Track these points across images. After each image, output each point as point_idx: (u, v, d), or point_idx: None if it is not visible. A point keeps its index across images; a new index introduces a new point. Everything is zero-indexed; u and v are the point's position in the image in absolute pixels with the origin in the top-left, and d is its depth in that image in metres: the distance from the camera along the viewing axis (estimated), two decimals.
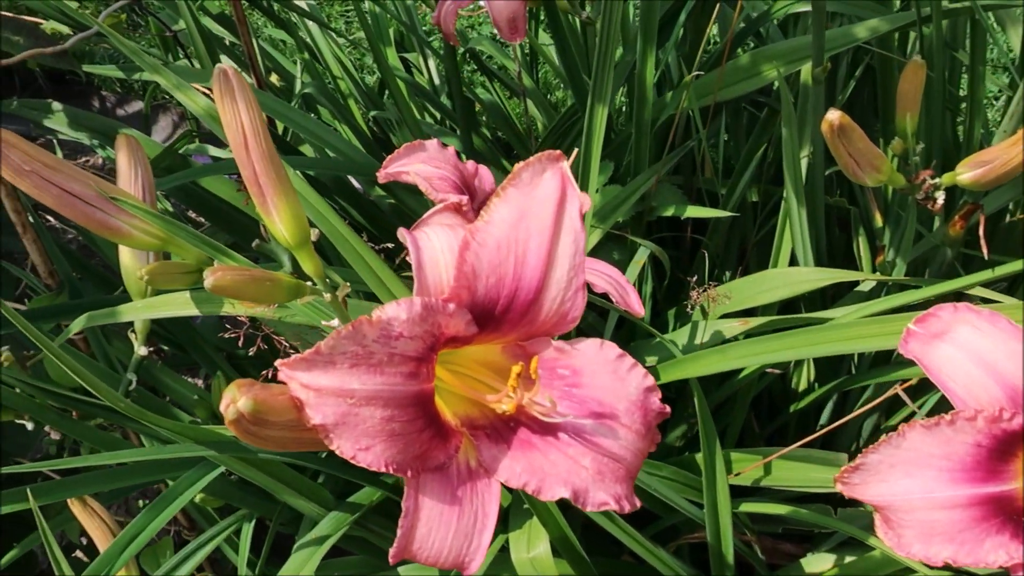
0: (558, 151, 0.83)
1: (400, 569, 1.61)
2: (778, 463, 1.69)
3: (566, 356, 0.87)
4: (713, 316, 1.87)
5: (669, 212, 1.94)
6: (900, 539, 0.94)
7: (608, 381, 0.85)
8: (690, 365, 1.39)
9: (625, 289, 1.37)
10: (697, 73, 1.73)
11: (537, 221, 0.82)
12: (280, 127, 2.45)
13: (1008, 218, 1.94)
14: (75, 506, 1.53)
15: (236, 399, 0.71)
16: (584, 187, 1.71)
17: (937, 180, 1.50)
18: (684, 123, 2.13)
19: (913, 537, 0.93)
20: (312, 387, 0.73)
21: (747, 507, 1.63)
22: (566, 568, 1.59)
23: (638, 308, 1.35)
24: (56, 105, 2.42)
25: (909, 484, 0.93)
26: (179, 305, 1.25)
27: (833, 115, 1.32)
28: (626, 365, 0.86)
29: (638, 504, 0.85)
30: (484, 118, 3.05)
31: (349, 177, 2.42)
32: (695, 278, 1.55)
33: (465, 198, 1.29)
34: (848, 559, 1.81)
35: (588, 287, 1.36)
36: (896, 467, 0.94)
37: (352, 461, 0.74)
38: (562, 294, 0.84)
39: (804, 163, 1.93)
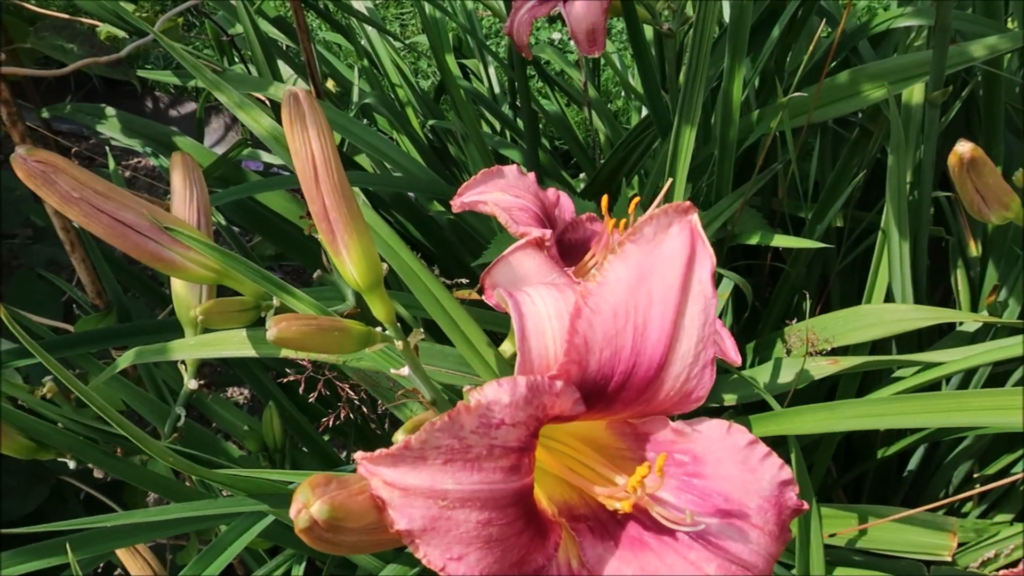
0: (687, 203, 0.70)
1: None
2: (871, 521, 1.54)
3: (685, 440, 0.75)
4: (798, 353, 1.73)
5: (754, 240, 1.80)
6: None
7: (736, 472, 0.73)
8: (790, 420, 1.25)
9: (720, 335, 1.24)
10: (798, 95, 1.58)
11: (661, 285, 0.70)
12: (337, 138, 2.35)
13: None
14: (124, 557, 1.44)
15: (310, 503, 0.59)
16: None
17: None
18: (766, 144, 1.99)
19: None
20: (398, 486, 0.61)
21: (843, 572, 1.49)
22: None
23: (735, 356, 1.22)
24: (109, 110, 2.35)
25: None
26: (235, 345, 1.14)
27: (964, 147, 1.17)
28: (758, 454, 0.73)
29: None
30: (542, 127, 2.93)
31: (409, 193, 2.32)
32: (794, 320, 1.41)
33: (548, 232, 1.17)
34: None
35: None
36: None
37: (441, 573, 0.62)
38: (687, 371, 0.72)
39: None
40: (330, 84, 2.85)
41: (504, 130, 2.79)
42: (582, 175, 2.83)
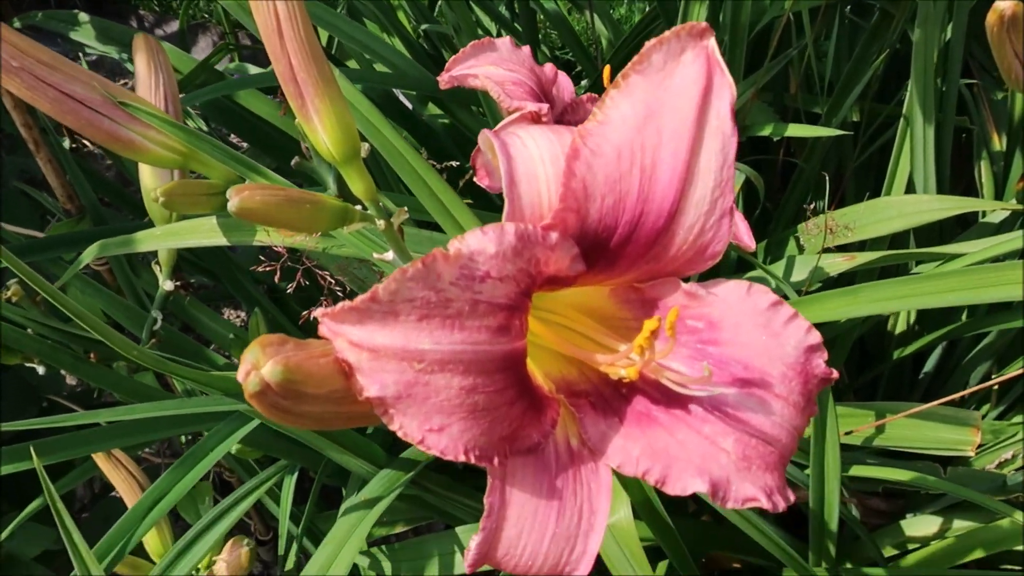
0: (703, 24, 0.60)
1: None
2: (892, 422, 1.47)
3: (699, 303, 0.66)
4: (812, 248, 1.63)
5: (766, 131, 1.69)
6: None
7: (757, 337, 0.64)
8: (811, 308, 1.17)
9: (733, 218, 1.14)
10: None
11: (672, 120, 0.60)
12: (324, 37, 2.22)
13: None
14: (97, 457, 1.37)
15: (259, 363, 0.51)
16: None
17: None
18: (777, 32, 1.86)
19: None
20: (366, 347, 0.52)
21: (859, 471, 1.42)
22: (644, 531, 1.40)
23: (749, 241, 1.13)
24: (83, 16, 2.22)
25: None
26: (204, 233, 1.05)
27: (1005, 3, 1.06)
28: (782, 316, 0.64)
29: (792, 498, 0.64)
30: (543, 35, 2.78)
31: (400, 96, 2.19)
32: (812, 205, 1.31)
33: (545, 107, 1.06)
34: (960, 524, 1.60)
35: None
36: None
37: (420, 447, 0.54)
38: (702, 220, 0.62)
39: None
40: None
41: (501, 31, 2.65)
42: (584, 82, 2.70)
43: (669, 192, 0.61)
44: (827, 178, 2.02)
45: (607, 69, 1.05)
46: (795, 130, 1.67)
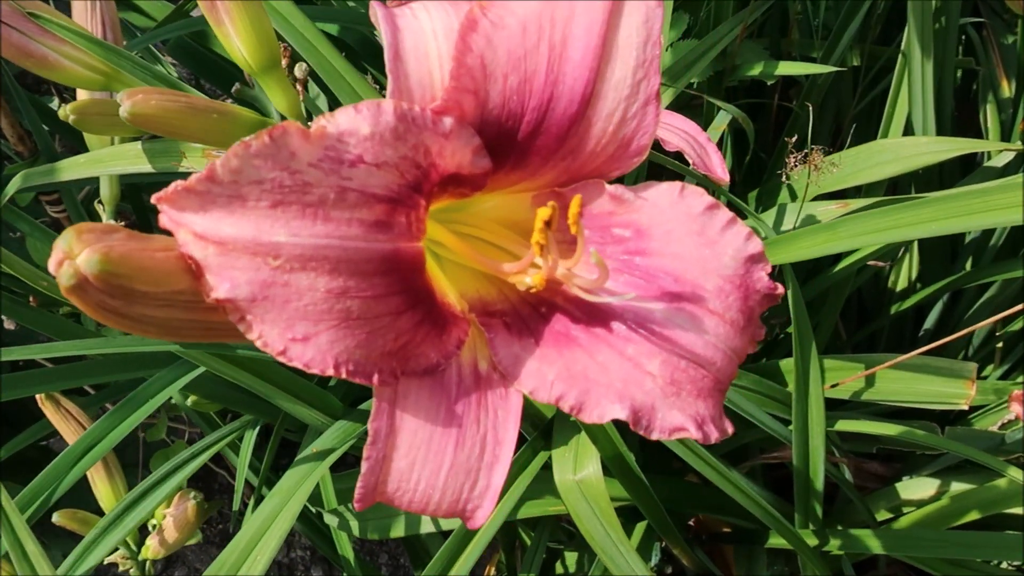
0: None
1: None
2: (880, 373, 1.38)
3: (627, 208, 0.57)
4: (804, 198, 1.54)
5: (756, 71, 1.60)
6: None
7: (690, 246, 0.56)
8: (787, 247, 1.08)
9: (705, 149, 1.06)
10: None
11: None
12: None
13: None
14: (46, 407, 1.31)
15: (73, 252, 0.43)
16: None
17: None
18: None
19: None
20: (212, 238, 0.45)
21: (845, 425, 1.34)
22: (618, 490, 1.33)
23: (722, 173, 1.05)
24: None
25: None
26: (128, 159, 0.98)
27: None
28: (718, 221, 0.56)
29: (730, 430, 0.57)
30: None
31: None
32: (794, 138, 1.22)
33: None
34: (958, 486, 1.52)
35: (657, 143, 1.05)
36: None
37: (282, 359, 0.47)
38: (623, 106, 0.54)
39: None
40: None
41: None
42: None
43: (582, 72, 0.52)
44: (820, 121, 1.94)
45: None
46: (785, 68, 1.57)
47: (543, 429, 1.30)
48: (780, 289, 0.57)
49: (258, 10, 0.78)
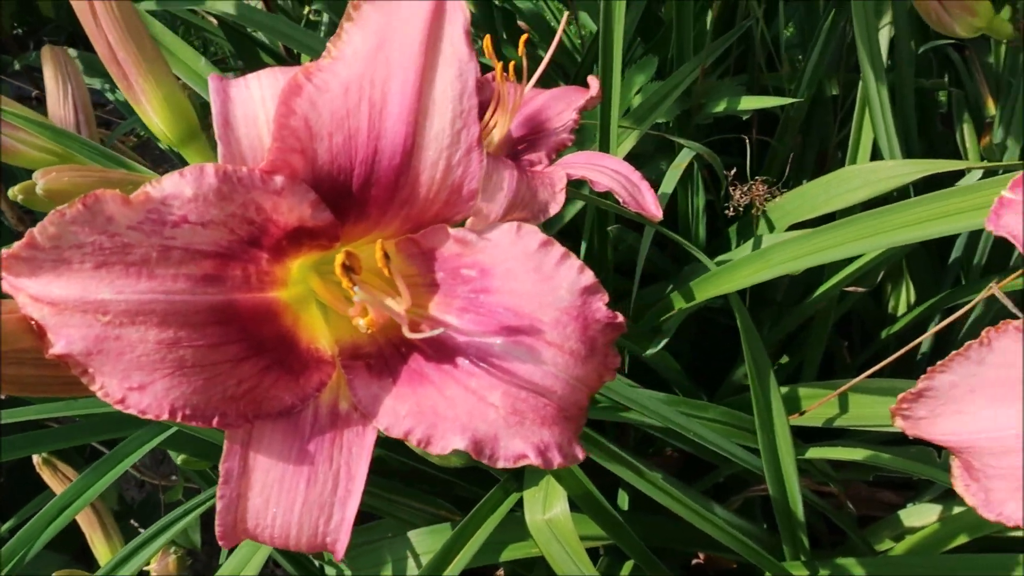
0: None
1: None
2: (860, 399, 1.37)
3: (472, 250, 0.61)
4: (781, 228, 1.55)
5: (720, 108, 1.62)
6: (988, 495, 0.64)
7: (528, 282, 0.59)
8: (725, 278, 1.10)
9: (638, 188, 1.09)
10: None
11: (401, 49, 0.56)
12: None
13: None
14: (43, 471, 1.38)
15: None
16: (607, 77, 1.42)
17: None
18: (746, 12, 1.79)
19: (1008, 492, 0.63)
20: (45, 300, 0.49)
21: (816, 452, 1.33)
22: (593, 528, 1.33)
23: (654, 210, 1.07)
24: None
25: (1000, 415, 0.63)
26: None
27: None
28: (552, 258, 0.59)
29: (580, 456, 0.59)
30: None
31: None
32: (733, 171, 1.24)
33: None
34: (957, 510, 1.49)
35: (589, 185, 1.08)
36: (978, 392, 0.64)
37: (120, 407, 0.51)
38: (446, 155, 0.58)
39: (886, 34, 1.58)
40: None
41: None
42: None
43: (402, 126, 0.56)
44: (806, 151, 1.94)
45: (500, 67, 1.01)
46: (748, 103, 1.60)
47: (515, 471, 1.32)
48: (620, 318, 0.59)
49: (173, 88, 0.84)
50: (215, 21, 2.17)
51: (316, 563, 1.56)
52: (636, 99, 1.70)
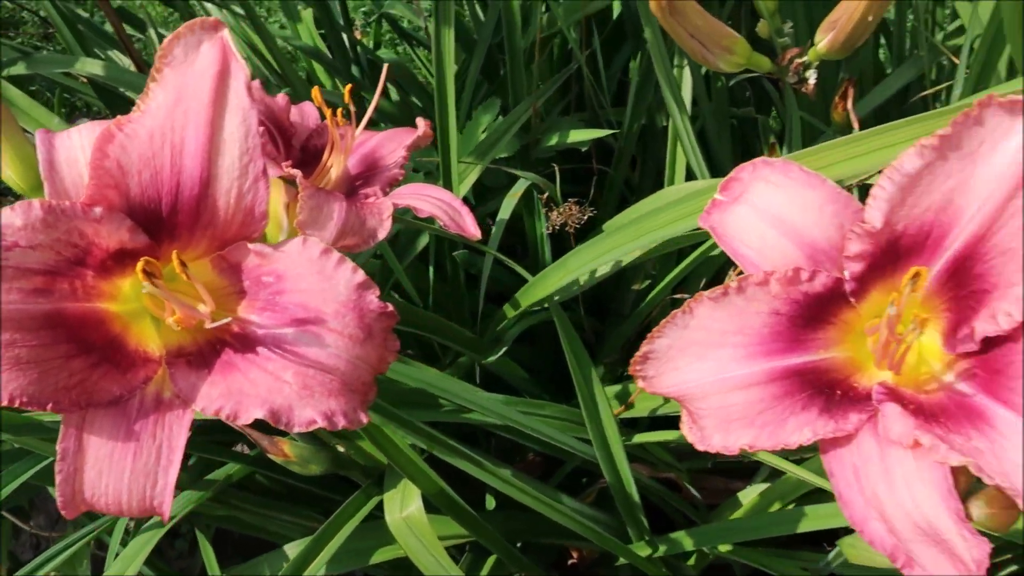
0: (214, 19, 0.71)
1: None
2: None
3: (269, 261, 0.75)
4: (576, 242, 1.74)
5: (554, 141, 1.81)
6: (703, 432, 0.81)
7: (314, 282, 0.73)
8: (540, 286, 1.27)
9: (459, 212, 1.25)
10: None
11: (195, 101, 0.70)
12: None
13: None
14: None
15: None
16: (443, 120, 1.59)
17: (804, 58, 1.36)
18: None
19: (713, 427, 0.80)
20: None
21: (640, 438, 1.50)
22: (454, 527, 1.47)
23: (473, 230, 1.23)
24: None
25: (702, 367, 0.80)
26: None
27: None
28: (332, 261, 0.74)
29: (363, 419, 0.73)
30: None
31: None
32: (545, 195, 1.42)
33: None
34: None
35: (413, 213, 1.24)
36: (687, 350, 0.81)
37: None
38: (238, 184, 0.72)
39: (687, 74, 1.79)
40: None
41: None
42: None
43: (197, 162, 0.71)
44: (644, 176, 2.15)
45: (323, 107, 1.16)
46: (578, 135, 1.79)
47: (376, 477, 1.45)
48: (391, 308, 0.74)
49: (22, 142, 0.96)
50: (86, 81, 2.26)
51: None
52: (482, 136, 1.87)
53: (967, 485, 0.77)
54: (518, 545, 1.69)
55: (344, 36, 2.62)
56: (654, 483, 1.71)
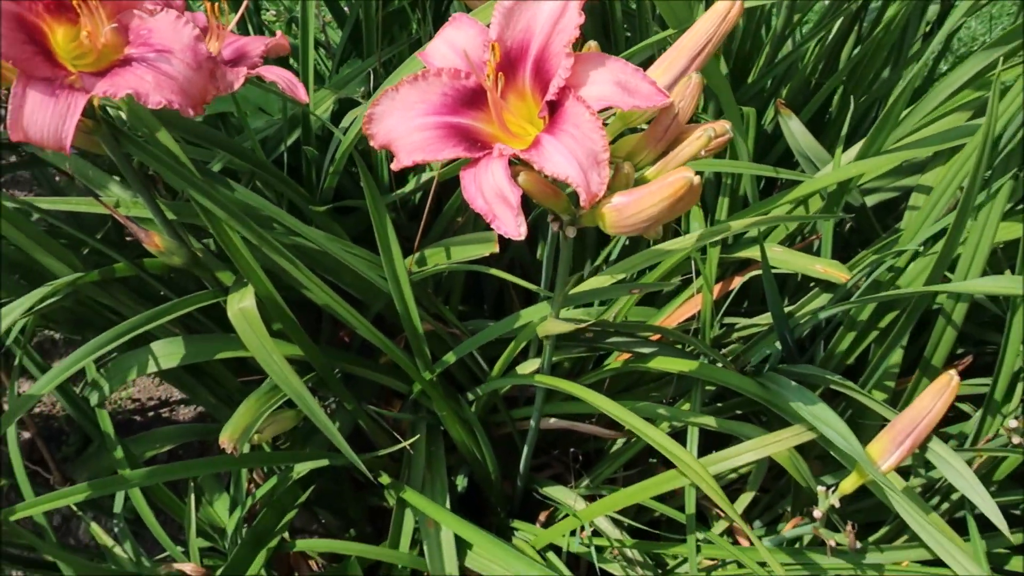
0: None
1: None
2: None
3: (146, 22, 1.31)
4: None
5: None
6: (398, 157, 1.37)
7: (170, 32, 1.29)
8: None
9: (294, 84, 1.81)
10: None
11: None
12: None
13: None
14: None
15: None
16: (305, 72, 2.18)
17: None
18: None
19: (405, 154, 1.36)
20: None
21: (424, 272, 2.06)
22: (290, 349, 1.96)
23: (303, 96, 1.80)
24: None
25: (401, 120, 1.37)
26: None
27: None
28: (182, 22, 1.29)
29: (191, 113, 1.28)
30: None
31: None
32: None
33: None
34: None
35: (260, 78, 1.80)
36: (394, 111, 1.38)
37: None
38: None
39: None
40: None
41: None
42: None
43: None
44: None
45: None
46: None
47: (224, 287, 1.95)
48: (212, 54, 1.29)
49: None
50: None
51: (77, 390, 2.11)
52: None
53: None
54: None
55: None
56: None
